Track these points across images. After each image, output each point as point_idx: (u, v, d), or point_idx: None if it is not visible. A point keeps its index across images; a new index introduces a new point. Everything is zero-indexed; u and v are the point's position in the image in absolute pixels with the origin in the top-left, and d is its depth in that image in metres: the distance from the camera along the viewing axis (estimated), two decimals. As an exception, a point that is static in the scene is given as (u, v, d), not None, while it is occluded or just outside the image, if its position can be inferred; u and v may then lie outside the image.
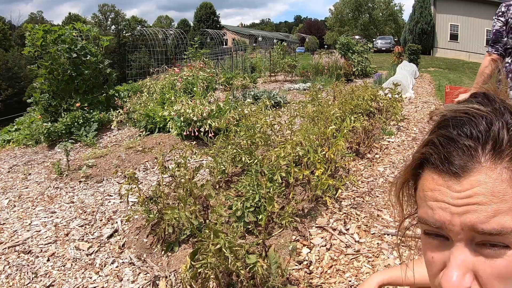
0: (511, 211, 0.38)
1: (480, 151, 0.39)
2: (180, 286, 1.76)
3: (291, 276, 1.76)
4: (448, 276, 0.42)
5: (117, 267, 1.98)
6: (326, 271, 1.83)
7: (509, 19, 1.94)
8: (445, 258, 0.43)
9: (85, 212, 2.67)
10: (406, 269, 0.91)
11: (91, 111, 5.38)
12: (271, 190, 2.07)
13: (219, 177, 2.78)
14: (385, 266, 1.85)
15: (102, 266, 2.00)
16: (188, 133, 4.04)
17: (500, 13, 1.98)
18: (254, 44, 28.53)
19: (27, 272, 1.97)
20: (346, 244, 2.05)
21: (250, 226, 2.09)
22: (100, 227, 2.44)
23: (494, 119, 0.39)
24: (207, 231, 1.47)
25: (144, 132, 4.74)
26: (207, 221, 2.03)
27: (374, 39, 26.05)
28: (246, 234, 2.08)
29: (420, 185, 0.46)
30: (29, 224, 2.54)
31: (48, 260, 2.09)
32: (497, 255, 0.41)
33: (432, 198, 0.43)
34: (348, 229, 2.21)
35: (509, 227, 0.38)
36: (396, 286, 0.90)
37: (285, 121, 3.55)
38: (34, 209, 2.80)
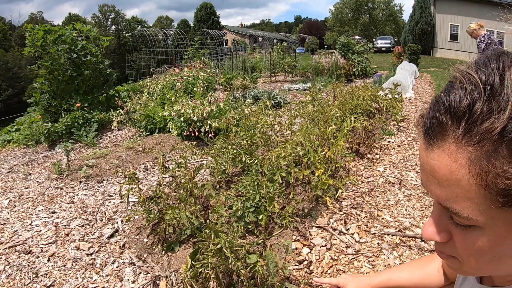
0: (468, 198, 0.38)
1: (451, 129, 0.38)
2: (180, 286, 1.76)
3: (291, 276, 1.76)
4: (425, 227, 0.47)
5: (117, 267, 1.98)
6: (326, 271, 1.83)
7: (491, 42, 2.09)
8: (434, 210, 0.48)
9: (85, 212, 2.67)
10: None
11: (91, 111, 5.38)
12: (272, 190, 2.07)
13: (219, 177, 2.78)
14: (385, 266, 1.85)
15: (102, 266, 2.00)
16: (188, 133, 4.05)
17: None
18: (254, 45, 28.54)
19: (28, 272, 1.97)
20: (346, 244, 2.05)
21: (250, 226, 2.09)
22: (100, 227, 2.44)
23: (479, 99, 0.36)
24: (207, 231, 1.47)
25: (144, 132, 4.75)
26: (208, 221, 2.04)
27: (374, 39, 26.06)
28: (246, 234, 2.09)
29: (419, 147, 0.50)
30: (30, 224, 2.54)
31: (48, 260, 2.09)
32: (468, 230, 0.42)
33: (419, 156, 0.46)
34: (348, 229, 2.21)
35: (465, 212, 0.39)
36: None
37: (285, 121, 3.55)
38: (35, 209, 2.81)
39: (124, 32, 41.71)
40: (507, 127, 0.34)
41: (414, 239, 2.09)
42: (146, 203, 2.18)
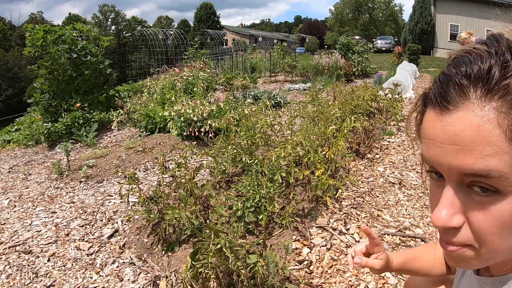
0: (498, 154, 0.37)
1: (472, 89, 0.39)
2: (180, 286, 1.77)
3: (291, 276, 1.76)
4: (437, 213, 0.43)
5: (117, 267, 1.99)
6: (326, 271, 1.83)
7: None
8: (440, 197, 0.44)
9: (85, 212, 2.67)
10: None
11: (92, 111, 5.38)
12: (272, 190, 2.07)
13: (219, 177, 2.78)
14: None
15: (102, 266, 2.00)
16: (188, 133, 4.05)
17: None
18: (254, 44, 28.54)
19: (28, 272, 1.97)
20: (346, 244, 2.05)
21: (250, 226, 2.09)
22: (100, 227, 2.44)
23: (489, 58, 0.39)
24: (207, 231, 1.47)
25: (144, 132, 4.75)
26: (208, 221, 2.04)
27: (374, 39, 26.04)
28: (246, 234, 2.09)
29: (423, 123, 0.47)
30: (30, 224, 2.54)
31: (48, 260, 2.09)
32: (489, 202, 0.40)
33: (427, 134, 0.44)
34: (348, 229, 2.21)
35: (496, 170, 0.37)
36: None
37: (285, 121, 3.55)
38: (35, 209, 2.81)
39: (124, 32, 41.72)
40: None
41: (414, 239, 2.09)
42: (146, 203, 2.18)
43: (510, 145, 0.37)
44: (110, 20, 46.04)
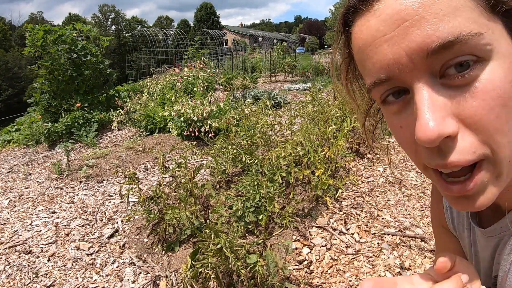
0: (458, 10, 0.30)
1: None
2: (180, 286, 1.77)
3: (291, 276, 1.76)
4: (422, 125, 0.31)
5: (117, 267, 1.99)
6: (326, 271, 1.83)
7: None
8: (414, 114, 0.33)
9: (85, 212, 2.68)
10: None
11: (92, 111, 5.39)
12: (272, 190, 2.07)
13: (219, 177, 2.78)
14: (385, 266, 1.85)
15: (102, 266, 2.00)
16: (188, 133, 4.05)
17: None
18: (254, 44, 28.55)
19: (28, 272, 1.97)
20: (346, 244, 2.05)
21: (250, 226, 2.09)
22: (100, 227, 2.44)
23: None
24: (207, 231, 1.47)
25: (144, 132, 4.75)
26: (208, 221, 2.04)
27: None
28: (246, 234, 2.09)
29: (354, 51, 0.39)
30: (30, 224, 2.54)
31: (48, 260, 2.09)
32: (474, 78, 0.31)
33: (366, 45, 0.35)
34: (348, 229, 2.21)
35: (466, 29, 0.30)
36: None
37: (285, 121, 3.55)
38: (35, 209, 2.81)
39: (124, 32, 41.74)
40: None
41: (414, 239, 2.09)
42: (146, 203, 2.18)
43: None
44: (110, 20, 46.06)
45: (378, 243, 2.05)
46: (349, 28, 0.39)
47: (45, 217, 2.64)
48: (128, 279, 1.87)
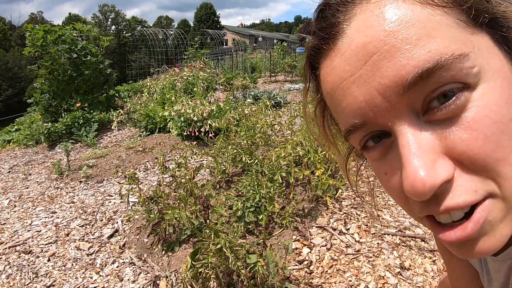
0: (434, 30, 0.26)
1: None
2: (180, 286, 1.77)
3: (291, 276, 1.77)
4: (410, 175, 0.26)
5: (117, 267, 1.99)
6: (326, 271, 1.83)
7: None
8: (399, 159, 0.28)
9: (85, 212, 2.67)
10: None
11: (92, 111, 5.39)
12: (272, 190, 2.07)
13: (219, 177, 2.78)
14: (385, 266, 1.85)
15: (102, 266, 2.00)
16: (188, 133, 4.05)
17: None
18: (254, 44, 28.55)
19: (28, 272, 1.97)
20: (346, 244, 2.05)
21: (250, 226, 2.09)
22: (100, 227, 2.44)
23: None
24: (207, 231, 1.47)
25: (144, 132, 4.75)
26: (208, 221, 2.04)
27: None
28: (246, 234, 2.09)
29: (324, 97, 0.35)
30: (30, 224, 2.54)
31: (48, 260, 2.09)
32: (462, 107, 0.26)
33: (334, 89, 0.31)
34: (348, 229, 2.21)
35: (446, 52, 0.25)
36: None
37: (285, 121, 3.55)
38: (35, 209, 2.81)
39: (124, 32, 41.75)
40: None
41: (414, 239, 2.09)
42: (146, 203, 2.18)
43: (440, 12, 0.27)
44: (110, 20, 46.07)
45: (378, 243, 2.05)
46: (317, 71, 0.35)
47: (45, 217, 2.64)
48: (128, 279, 1.87)
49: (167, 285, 1.80)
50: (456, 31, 0.26)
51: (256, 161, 2.55)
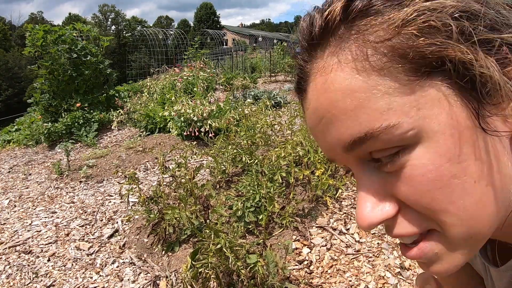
0: (367, 100, 0.27)
1: (315, 52, 0.32)
2: (180, 286, 1.77)
3: (291, 275, 1.77)
4: (358, 212, 0.31)
5: (117, 267, 1.99)
6: (326, 271, 1.83)
7: None
8: None
9: (85, 212, 2.68)
10: None
11: (92, 111, 5.39)
12: (272, 190, 2.07)
13: (219, 177, 2.78)
14: (385, 266, 1.85)
15: (102, 266, 2.00)
16: (188, 133, 4.05)
17: None
18: (254, 44, 28.55)
19: (28, 272, 1.97)
20: (346, 244, 2.05)
21: (250, 226, 2.09)
22: (100, 227, 2.44)
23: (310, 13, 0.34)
24: (207, 231, 1.47)
25: (144, 132, 4.75)
26: (208, 221, 2.03)
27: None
28: (246, 234, 2.09)
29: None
30: (30, 224, 2.54)
31: (48, 260, 2.09)
32: (402, 164, 0.28)
33: (310, 130, 0.37)
34: (348, 229, 2.21)
35: (376, 123, 0.27)
36: None
37: (285, 121, 3.55)
38: (35, 209, 2.81)
39: (124, 32, 41.77)
40: (350, 5, 0.28)
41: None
42: (146, 203, 2.18)
43: (376, 76, 0.27)
44: (110, 20, 46.09)
45: (378, 243, 2.05)
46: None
47: (45, 217, 2.64)
48: (128, 279, 1.87)
49: (167, 285, 1.80)
50: (390, 97, 0.27)
51: (256, 161, 2.55)
